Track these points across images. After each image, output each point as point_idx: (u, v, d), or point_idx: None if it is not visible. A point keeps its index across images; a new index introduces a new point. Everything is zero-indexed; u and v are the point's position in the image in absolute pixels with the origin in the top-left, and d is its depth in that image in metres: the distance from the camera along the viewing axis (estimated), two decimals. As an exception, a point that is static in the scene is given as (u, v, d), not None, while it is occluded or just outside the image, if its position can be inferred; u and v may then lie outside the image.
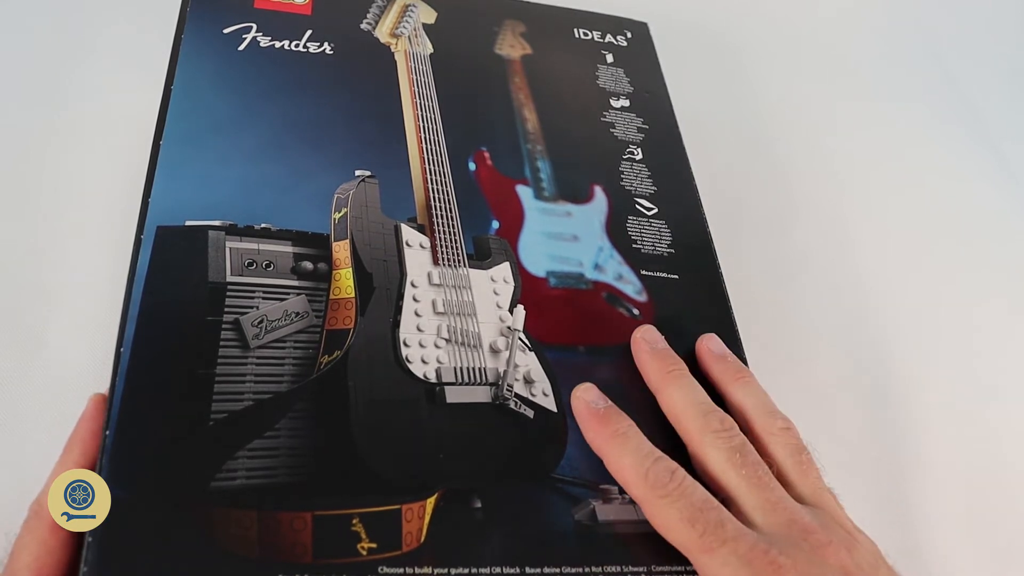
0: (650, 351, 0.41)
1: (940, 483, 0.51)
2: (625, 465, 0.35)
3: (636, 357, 0.41)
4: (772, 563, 0.31)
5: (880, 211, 0.64)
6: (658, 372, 0.40)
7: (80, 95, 0.55)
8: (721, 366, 0.41)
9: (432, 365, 0.38)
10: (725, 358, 0.41)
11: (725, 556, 0.31)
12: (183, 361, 0.35)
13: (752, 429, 0.38)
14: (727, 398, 0.40)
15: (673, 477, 0.34)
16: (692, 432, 0.37)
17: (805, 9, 0.77)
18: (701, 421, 0.37)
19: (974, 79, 0.77)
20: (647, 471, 0.34)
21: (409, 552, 0.33)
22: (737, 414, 0.39)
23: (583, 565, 0.34)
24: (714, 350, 0.42)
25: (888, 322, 0.58)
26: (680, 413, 0.38)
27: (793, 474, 0.36)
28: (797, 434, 0.38)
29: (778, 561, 0.31)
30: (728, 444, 0.36)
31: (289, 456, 0.34)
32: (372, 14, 0.51)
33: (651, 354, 0.40)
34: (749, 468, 0.35)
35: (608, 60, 0.56)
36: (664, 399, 0.39)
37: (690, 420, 0.37)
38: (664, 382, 0.39)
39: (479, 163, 0.47)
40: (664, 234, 0.48)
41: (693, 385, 0.39)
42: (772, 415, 0.38)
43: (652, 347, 0.41)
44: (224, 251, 0.38)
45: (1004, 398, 0.56)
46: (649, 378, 0.40)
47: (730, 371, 0.41)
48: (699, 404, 0.38)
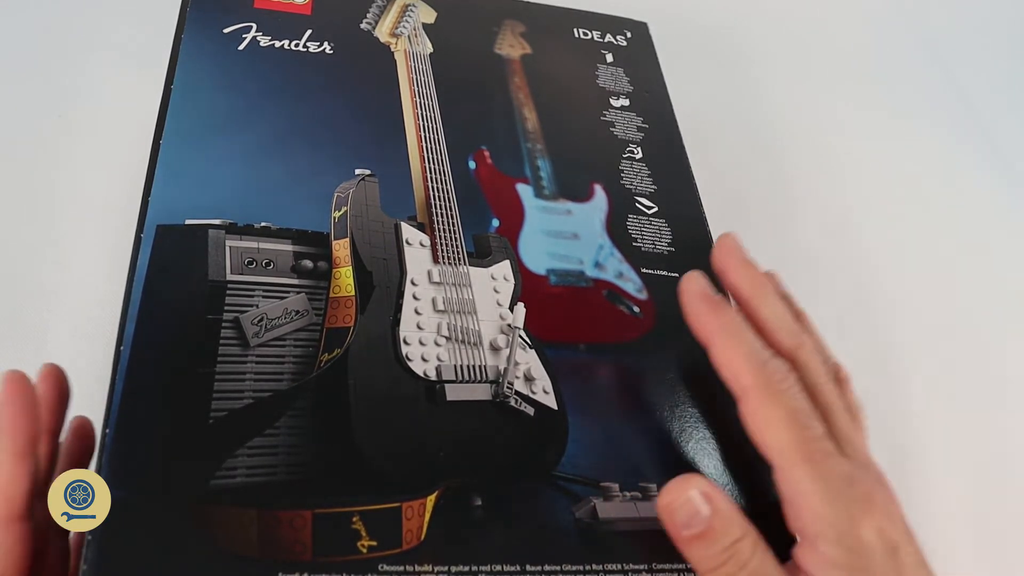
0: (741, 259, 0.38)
1: (941, 481, 0.51)
2: (742, 352, 0.33)
3: (725, 265, 0.38)
4: (867, 496, 0.31)
5: (881, 209, 0.64)
6: (753, 284, 0.37)
7: (80, 95, 0.55)
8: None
9: (432, 363, 0.38)
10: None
11: (827, 469, 0.31)
12: (183, 360, 0.35)
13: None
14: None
15: (788, 376, 0.33)
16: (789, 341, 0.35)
17: (805, 9, 0.77)
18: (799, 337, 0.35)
19: (974, 78, 0.77)
20: (764, 362, 0.33)
21: (409, 550, 0.33)
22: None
23: (584, 563, 0.34)
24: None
25: (889, 322, 0.58)
26: (776, 325, 0.36)
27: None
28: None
29: (873, 496, 0.31)
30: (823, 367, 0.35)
31: (289, 454, 0.34)
32: (372, 14, 0.51)
33: (745, 265, 0.38)
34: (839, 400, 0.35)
35: (608, 60, 0.56)
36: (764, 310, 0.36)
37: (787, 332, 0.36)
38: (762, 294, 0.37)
39: (479, 162, 0.47)
40: (664, 232, 0.48)
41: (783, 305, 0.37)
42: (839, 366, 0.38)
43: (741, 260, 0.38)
44: (224, 250, 0.38)
45: (1005, 397, 0.56)
46: (743, 287, 0.37)
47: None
48: (792, 321, 0.36)
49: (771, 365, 0.33)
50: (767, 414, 0.32)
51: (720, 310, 0.35)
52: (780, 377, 0.33)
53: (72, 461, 0.34)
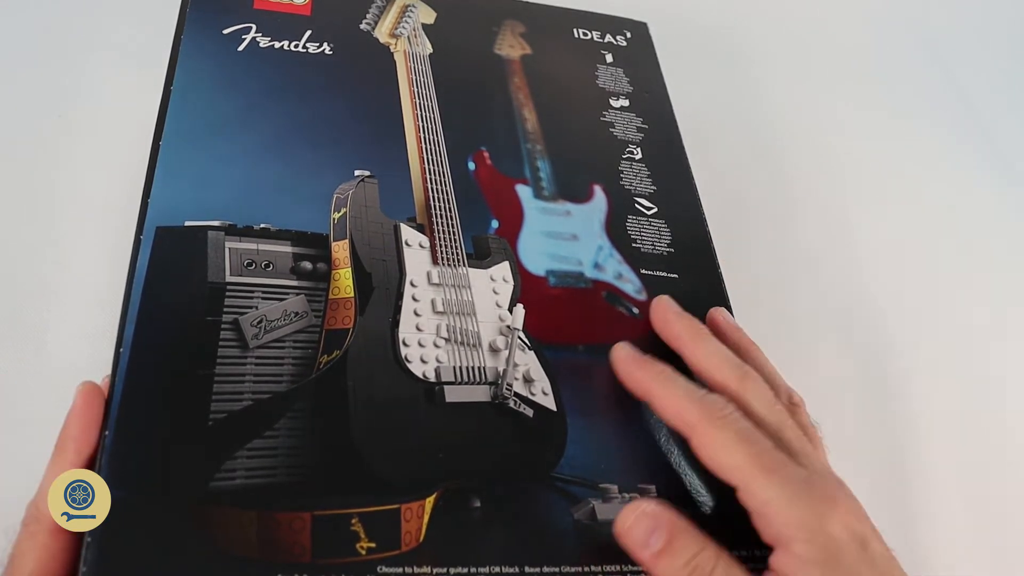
0: (677, 312, 0.40)
1: (939, 480, 0.51)
2: (678, 395, 0.35)
3: (662, 317, 0.41)
4: (830, 495, 0.31)
5: (880, 209, 0.64)
6: (688, 329, 0.39)
7: (80, 95, 0.55)
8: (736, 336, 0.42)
9: (431, 364, 0.38)
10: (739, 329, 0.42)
11: (785, 476, 0.32)
12: (182, 361, 0.35)
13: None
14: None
15: (728, 404, 0.34)
16: (732, 379, 0.36)
17: (804, 9, 0.77)
18: (741, 371, 0.37)
19: (974, 78, 0.77)
20: (702, 397, 0.35)
21: (408, 551, 0.33)
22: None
23: (582, 564, 0.34)
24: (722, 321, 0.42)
25: (888, 321, 0.58)
26: (718, 364, 0.37)
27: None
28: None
29: (836, 496, 0.31)
30: (768, 394, 0.36)
31: (288, 456, 0.34)
32: (371, 14, 0.51)
33: (680, 315, 0.40)
34: (783, 410, 0.36)
35: (608, 60, 0.56)
36: (701, 352, 0.38)
37: (729, 369, 0.37)
38: (698, 337, 0.39)
39: (479, 163, 0.47)
40: (664, 233, 0.48)
41: (722, 344, 0.39)
42: (788, 391, 0.39)
43: (677, 311, 0.41)
44: (223, 251, 0.38)
45: (1004, 397, 0.56)
46: (678, 334, 0.39)
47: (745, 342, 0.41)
48: (733, 357, 0.38)
49: (709, 399, 0.35)
50: (716, 440, 0.33)
51: (648, 364, 0.37)
52: (720, 406, 0.34)
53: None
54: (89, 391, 0.33)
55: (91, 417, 0.33)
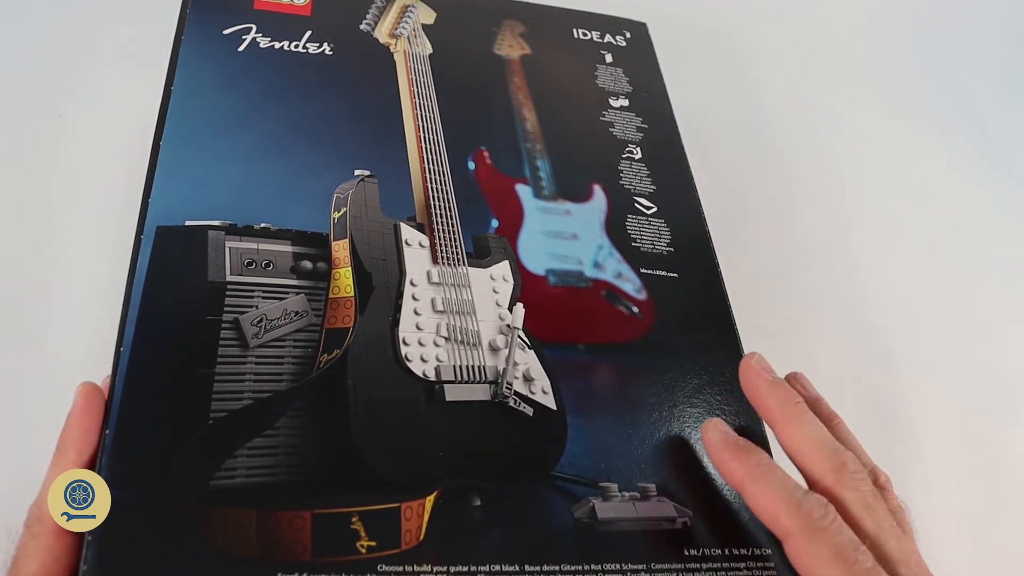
0: (770, 381, 0.37)
1: (938, 480, 0.51)
2: (774, 495, 0.33)
3: (752, 384, 0.38)
4: None
5: (879, 209, 0.64)
6: (783, 402, 0.36)
7: (81, 96, 0.55)
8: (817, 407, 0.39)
9: (431, 363, 0.38)
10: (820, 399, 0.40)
11: None
12: (183, 360, 0.35)
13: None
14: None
15: (827, 511, 0.32)
16: (826, 469, 0.34)
17: (804, 9, 0.77)
18: (837, 460, 0.34)
19: (974, 78, 0.77)
20: (799, 501, 0.32)
21: (408, 550, 0.33)
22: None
23: (582, 563, 0.34)
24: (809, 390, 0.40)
25: (888, 321, 0.58)
26: (812, 448, 0.35)
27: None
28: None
29: None
30: (867, 487, 0.34)
31: (288, 455, 0.34)
32: (371, 15, 0.52)
33: (772, 384, 0.37)
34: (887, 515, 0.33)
35: (607, 60, 0.56)
36: (793, 431, 0.36)
37: (826, 458, 0.35)
38: (793, 414, 0.36)
39: (478, 162, 0.47)
40: (663, 232, 0.48)
41: (818, 420, 0.36)
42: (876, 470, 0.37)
43: (770, 376, 0.37)
44: (223, 251, 0.38)
45: (1004, 397, 0.56)
46: (770, 407, 0.37)
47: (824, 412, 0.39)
48: (830, 440, 0.35)
49: (806, 504, 0.32)
50: (813, 554, 0.31)
51: (743, 455, 0.35)
52: (820, 515, 0.32)
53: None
54: (89, 391, 0.33)
55: (91, 417, 0.33)
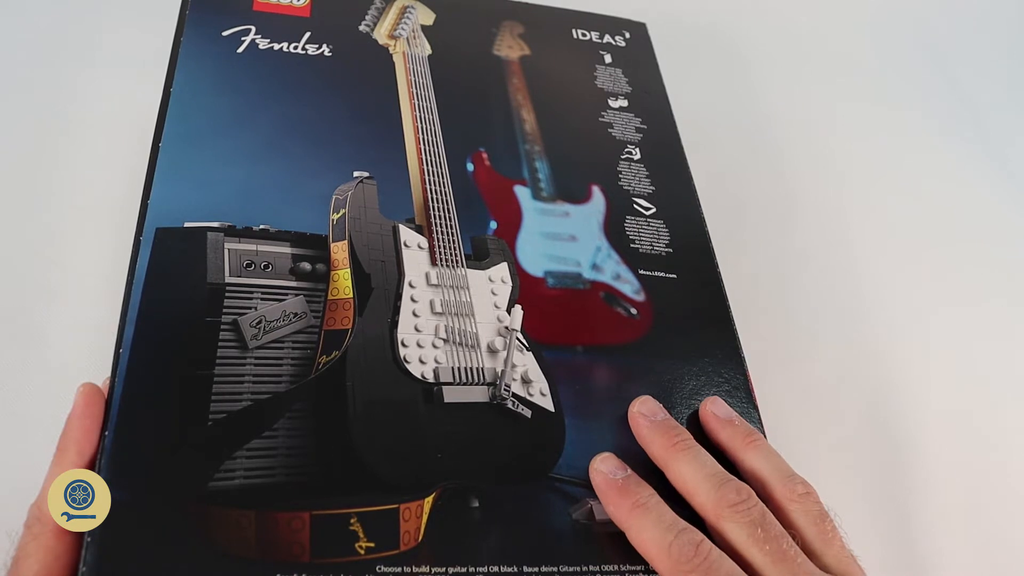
0: (650, 424, 0.38)
1: (938, 482, 0.51)
2: (647, 539, 0.33)
3: (636, 432, 0.38)
4: None
5: (879, 210, 0.64)
6: (662, 446, 0.37)
7: (80, 97, 0.55)
8: (729, 431, 0.38)
9: (430, 365, 0.38)
10: (732, 422, 0.39)
11: None
12: (182, 362, 0.35)
13: (771, 496, 0.36)
14: (740, 464, 0.37)
15: (698, 551, 0.32)
16: (708, 507, 0.34)
17: (803, 9, 0.77)
18: (716, 495, 0.34)
19: (974, 78, 0.77)
20: (670, 544, 0.32)
21: (407, 551, 0.33)
22: (752, 480, 0.36)
23: (580, 564, 0.34)
24: (719, 414, 0.39)
25: (887, 321, 0.58)
26: (693, 488, 0.35)
27: (817, 543, 0.34)
28: (818, 498, 0.36)
29: None
30: (748, 518, 0.33)
31: (287, 456, 0.34)
32: (371, 16, 0.52)
33: (652, 427, 0.38)
34: (772, 543, 0.33)
35: (606, 60, 0.56)
36: (673, 474, 0.36)
37: (704, 494, 0.35)
38: (670, 455, 0.36)
39: (477, 164, 0.47)
40: (662, 234, 0.48)
41: (702, 455, 0.36)
42: (791, 479, 0.36)
43: (651, 420, 0.38)
44: (223, 252, 0.38)
45: (1003, 398, 0.56)
46: (653, 453, 0.37)
47: (739, 435, 0.38)
48: (712, 476, 0.35)
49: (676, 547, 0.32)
50: None
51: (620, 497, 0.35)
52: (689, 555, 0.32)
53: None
54: (89, 392, 0.33)
55: (92, 418, 0.33)
